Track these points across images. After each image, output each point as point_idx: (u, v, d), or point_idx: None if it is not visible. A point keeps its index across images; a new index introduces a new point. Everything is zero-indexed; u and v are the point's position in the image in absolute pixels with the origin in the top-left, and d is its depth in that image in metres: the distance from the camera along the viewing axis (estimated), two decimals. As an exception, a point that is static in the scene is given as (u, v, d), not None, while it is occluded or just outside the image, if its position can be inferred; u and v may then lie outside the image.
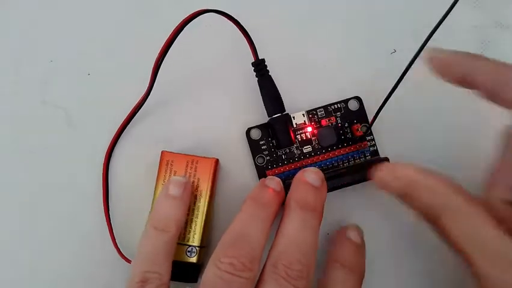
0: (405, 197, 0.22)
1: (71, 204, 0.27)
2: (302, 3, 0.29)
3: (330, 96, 0.28)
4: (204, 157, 0.25)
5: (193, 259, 0.24)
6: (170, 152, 0.26)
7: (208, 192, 0.25)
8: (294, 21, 0.29)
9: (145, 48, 0.26)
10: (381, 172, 0.23)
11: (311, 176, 0.24)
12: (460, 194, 0.20)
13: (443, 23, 0.29)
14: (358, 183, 0.26)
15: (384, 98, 0.23)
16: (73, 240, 0.27)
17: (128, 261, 0.26)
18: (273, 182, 0.24)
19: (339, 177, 0.25)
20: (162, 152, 0.26)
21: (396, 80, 0.22)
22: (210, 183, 0.25)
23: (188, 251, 0.25)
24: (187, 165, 0.25)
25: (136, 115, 0.27)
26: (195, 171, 0.25)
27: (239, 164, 0.27)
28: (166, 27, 0.24)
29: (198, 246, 0.25)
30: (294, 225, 0.22)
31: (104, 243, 0.26)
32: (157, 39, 0.25)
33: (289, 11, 0.29)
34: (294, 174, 0.26)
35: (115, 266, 0.26)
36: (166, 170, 0.25)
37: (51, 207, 0.27)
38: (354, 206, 0.27)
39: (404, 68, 0.22)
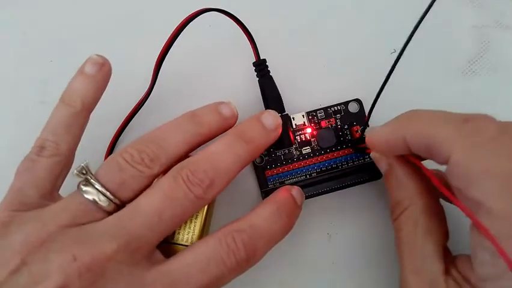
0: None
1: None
2: (303, 4, 0.29)
3: (330, 96, 0.28)
4: None
5: None
6: None
7: None
8: (295, 22, 0.29)
9: (146, 48, 0.26)
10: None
11: (267, 117, 0.23)
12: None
13: (443, 23, 0.29)
14: (358, 184, 0.26)
15: (377, 93, 0.23)
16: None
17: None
18: (226, 107, 0.24)
19: (338, 179, 0.25)
20: None
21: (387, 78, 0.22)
22: None
23: None
24: None
25: (136, 115, 0.27)
26: None
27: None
28: (167, 26, 0.24)
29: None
30: (218, 145, 0.22)
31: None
32: (158, 39, 0.25)
33: (291, 11, 0.29)
34: (292, 175, 0.27)
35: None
36: None
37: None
38: (355, 206, 0.27)
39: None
